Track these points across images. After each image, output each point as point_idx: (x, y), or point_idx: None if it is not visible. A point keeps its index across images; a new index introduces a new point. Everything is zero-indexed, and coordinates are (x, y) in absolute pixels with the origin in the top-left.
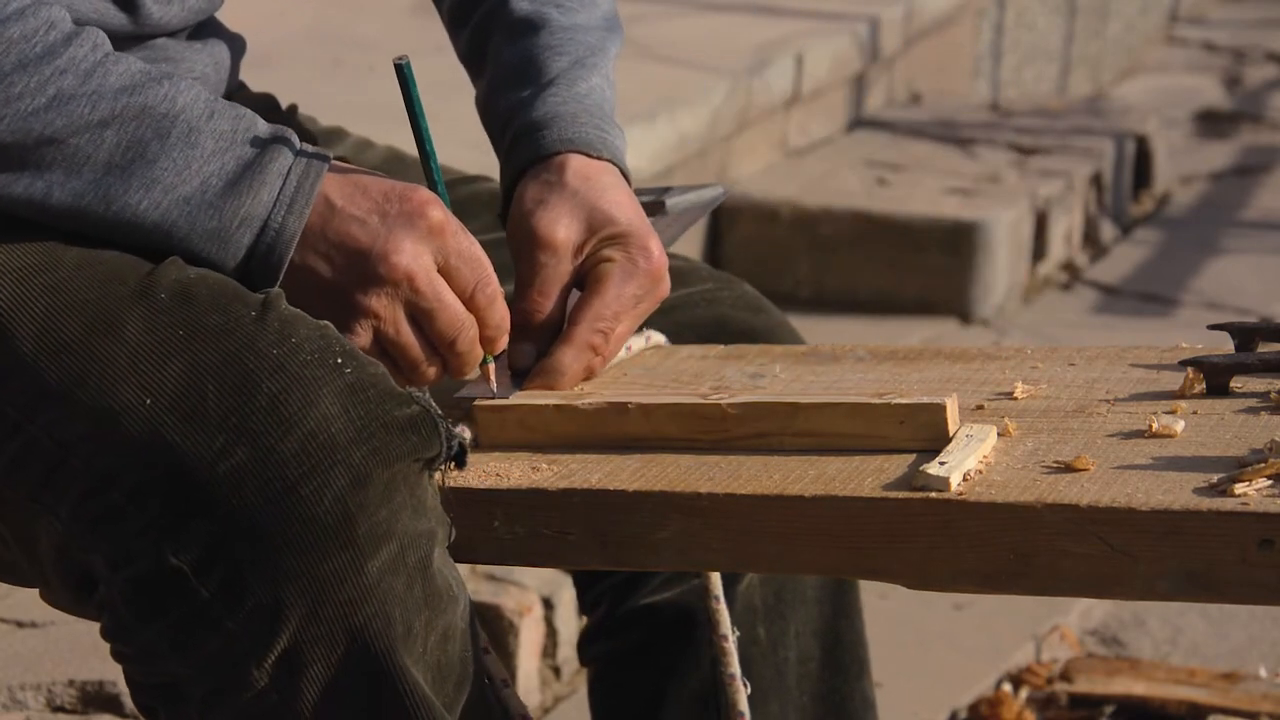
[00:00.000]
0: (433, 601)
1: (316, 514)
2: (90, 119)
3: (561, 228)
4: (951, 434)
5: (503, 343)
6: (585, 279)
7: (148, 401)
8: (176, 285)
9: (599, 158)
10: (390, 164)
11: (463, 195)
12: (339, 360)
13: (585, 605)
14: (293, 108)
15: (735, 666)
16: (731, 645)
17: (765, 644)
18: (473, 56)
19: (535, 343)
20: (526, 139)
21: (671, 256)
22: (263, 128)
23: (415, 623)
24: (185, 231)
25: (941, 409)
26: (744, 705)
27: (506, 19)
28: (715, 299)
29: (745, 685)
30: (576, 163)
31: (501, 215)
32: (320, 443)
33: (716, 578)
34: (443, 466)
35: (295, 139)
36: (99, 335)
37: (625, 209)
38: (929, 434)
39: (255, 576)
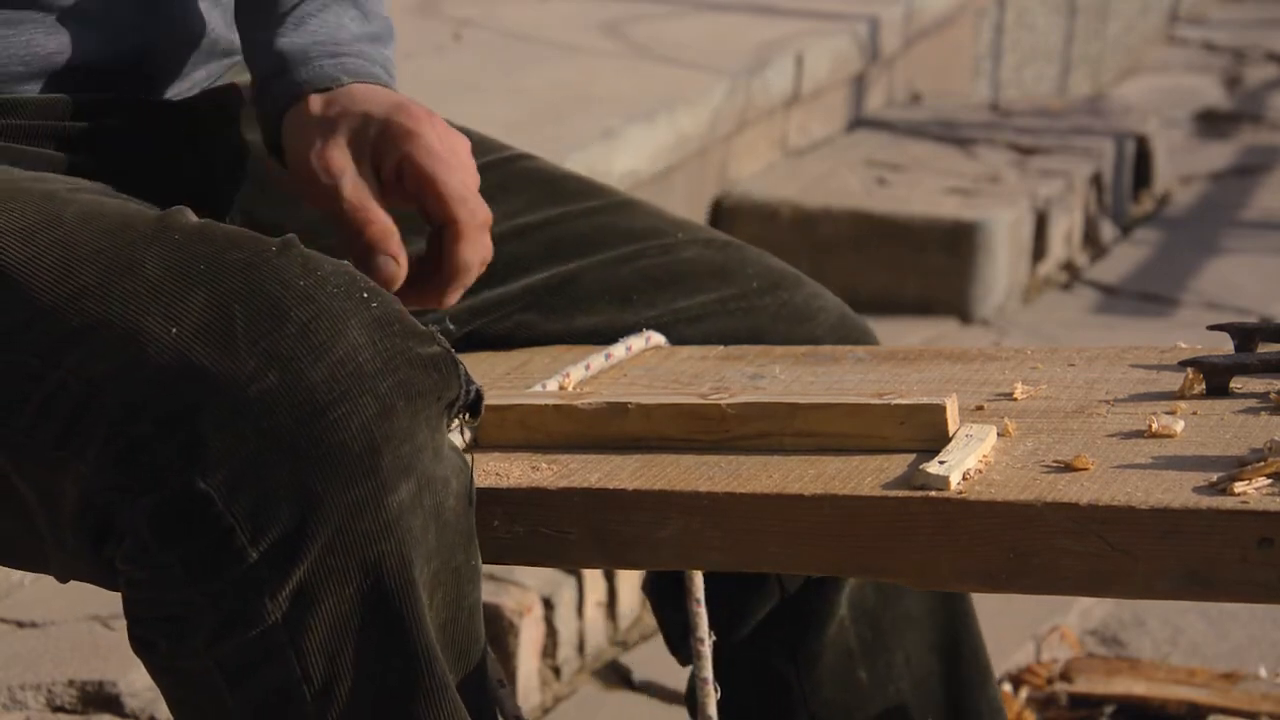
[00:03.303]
0: (445, 553)
1: (344, 439)
2: None
3: (333, 149)
4: (951, 434)
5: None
6: (396, 183)
7: (173, 330)
8: (191, 226)
9: (338, 86)
10: None
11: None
12: (365, 294)
13: (681, 658)
14: None
15: (708, 671)
16: (707, 649)
17: (869, 686)
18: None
19: (391, 254)
20: (274, 83)
21: (718, 245)
22: None
23: (425, 569)
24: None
25: (941, 409)
26: (713, 710)
27: None
28: (754, 307)
29: (716, 689)
30: (316, 101)
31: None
32: (349, 370)
33: (699, 581)
34: (460, 416)
35: None
36: (117, 276)
37: (374, 100)
38: (929, 434)
39: (282, 500)
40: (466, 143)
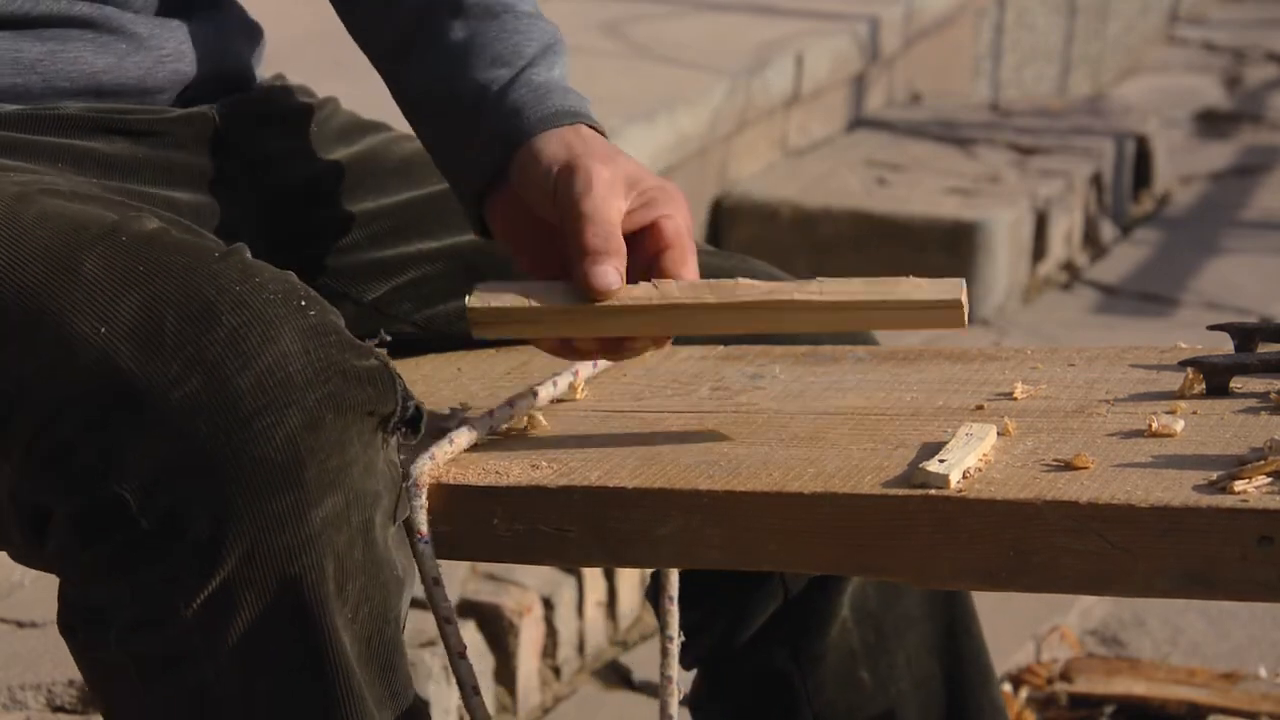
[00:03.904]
0: (371, 570)
1: (267, 451)
2: None
3: (604, 170)
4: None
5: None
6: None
7: (102, 330)
8: (140, 232)
9: (600, 131)
10: (424, 155)
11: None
12: (303, 303)
13: (685, 661)
14: (333, 100)
15: (674, 669)
16: (675, 647)
17: (871, 687)
18: (406, 36)
19: (618, 269)
20: (522, 112)
21: (723, 255)
22: None
23: (349, 585)
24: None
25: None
26: (674, 709)
27: (459, 3)
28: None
29: (680, 689)
30: (588, 132)
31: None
32: (277, 380)
33: (674, 578)
34: (398, 430)
35: None
36: (57, 275)
37: (645, 170)
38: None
39: (198, 510)
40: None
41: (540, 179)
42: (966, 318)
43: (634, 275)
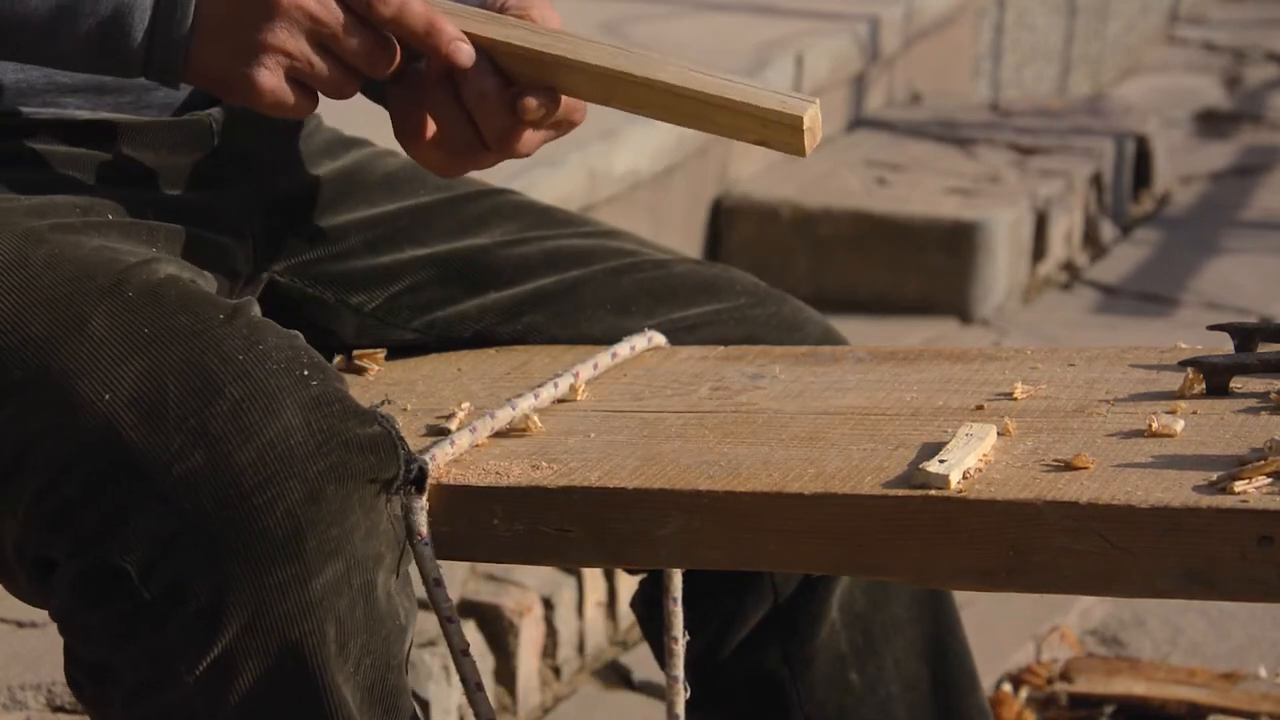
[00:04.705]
0: (373, 626)
1: (268, 525)
2: None
3: None
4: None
5: (444, 34)
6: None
7: (106, 396)
8: (146, 285)
9: None
10: (408, 170)
11: (484, 208)
12: (305, 372)
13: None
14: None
15: (679, 670)
16: (680, 647)
17: (860, 689)
18: None
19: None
20: None
21: (706, 265)
22: None
23: (351, 644)
24: (86, 30)
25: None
26: (680, 708)
27: None
28: (746, 318)
29: (686, 689)
30: None
31: None
32: (279, 453)
33: (677, 580)
34: (403, 491)
35: None
36: (63, 330)
37: None
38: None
39: (199, 582)
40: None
41: None
42: (808, 146)
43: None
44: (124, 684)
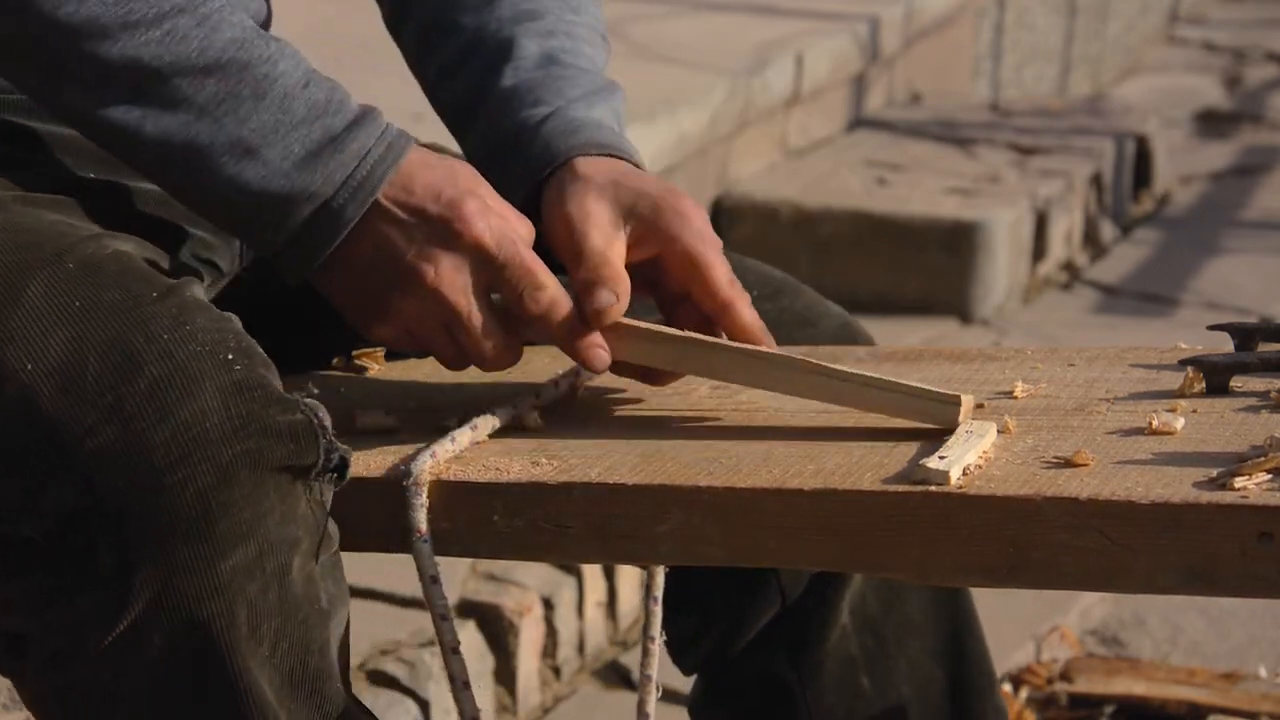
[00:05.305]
0: (288, 610)
1: (176, 505)
2: (196, 63)
3: (596, 204)
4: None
5: (588, 346)
6: (660, 266)
7: (29, 366)
8: (88, 259)
9: (621, 158)
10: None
11: None
12: (230, 356)
13: (686, 665)
14: None
15: (654, 669)
16: (657, 647)
17: (871, 693)
18: (469, 94)
19: (616, 291)
20: (547, 146)
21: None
22: (352, 104)
23: (264, 627)
24: (256, 191)
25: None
26: (651, 706)
27: (512, 56)
28: (758, 311)
29: (658, 689)
30: (601, 163)
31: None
32: (192, 435)
33: (659, 579)
34: (322, 478)
35: (382, 117)
36: (1, 297)
37: (646, 179)
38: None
39: (106, 556)
40: (721, 241)
41: (552, 216)
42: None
43: (667, 305)
44: (37, 654)
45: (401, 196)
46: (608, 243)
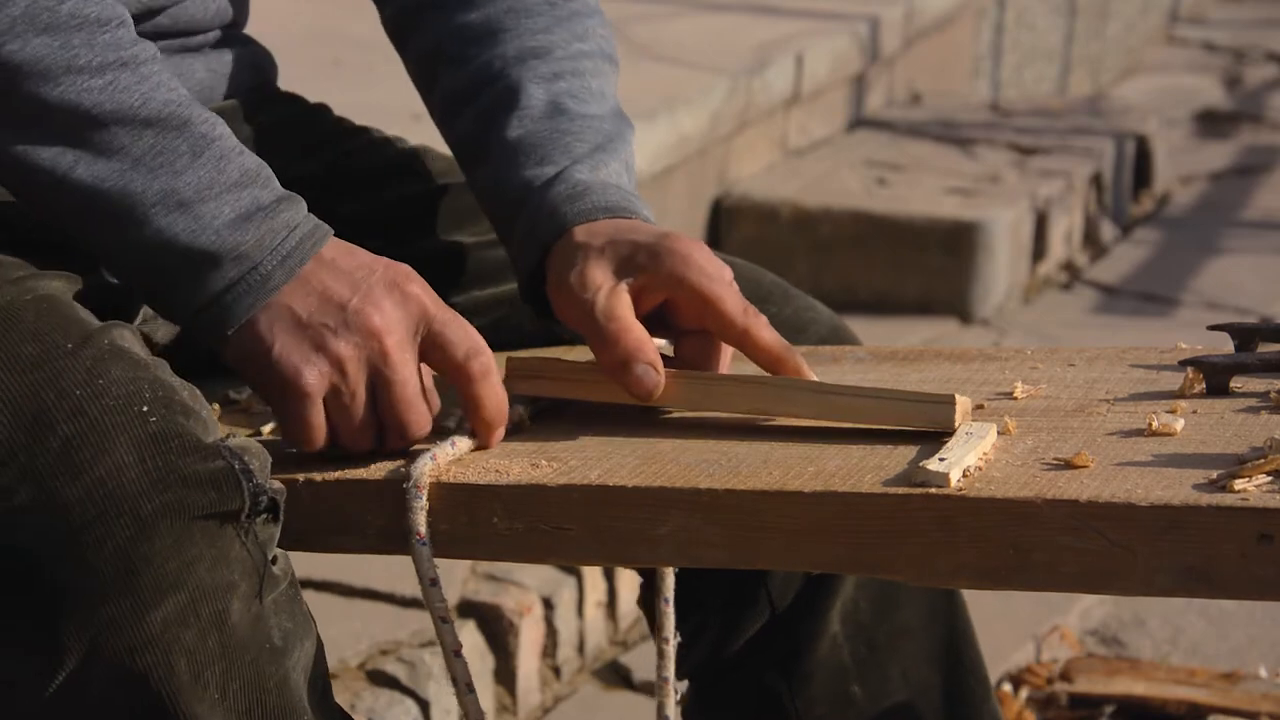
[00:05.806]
0: (233, 654)
1: (95, 563)
2: (138, 114)
3: (593, 268)
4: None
5: (497, 434)
6: (673, 310)
7: None
8: (8, 306)
9: (629, 218)
10: (392, 164)
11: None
12: (145, 409)
13: (679, 670)
14: (324, 106)
15: (670, 670)
16: (671, 649)
17: (863, 701)
18: (475, 137)
19: (650, 363)
20: (551, 214)
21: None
22: (278, 184)
23: (207, 673)
24: (183, 245)
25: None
26: (671, 709)
27: (519, 104)
28: None
29: (676, 691)
30: (580, 230)
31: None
32: (108, 491)
33: (670, 579)
34: (254, 520)
35: (304, 204)
36: None
37: (639, 229)
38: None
39: (28, 618)
40: (729, 268)
41: (556, 287)
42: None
43: (683, 339)
44: None
45: (325, 273)
46: (611, 301)
